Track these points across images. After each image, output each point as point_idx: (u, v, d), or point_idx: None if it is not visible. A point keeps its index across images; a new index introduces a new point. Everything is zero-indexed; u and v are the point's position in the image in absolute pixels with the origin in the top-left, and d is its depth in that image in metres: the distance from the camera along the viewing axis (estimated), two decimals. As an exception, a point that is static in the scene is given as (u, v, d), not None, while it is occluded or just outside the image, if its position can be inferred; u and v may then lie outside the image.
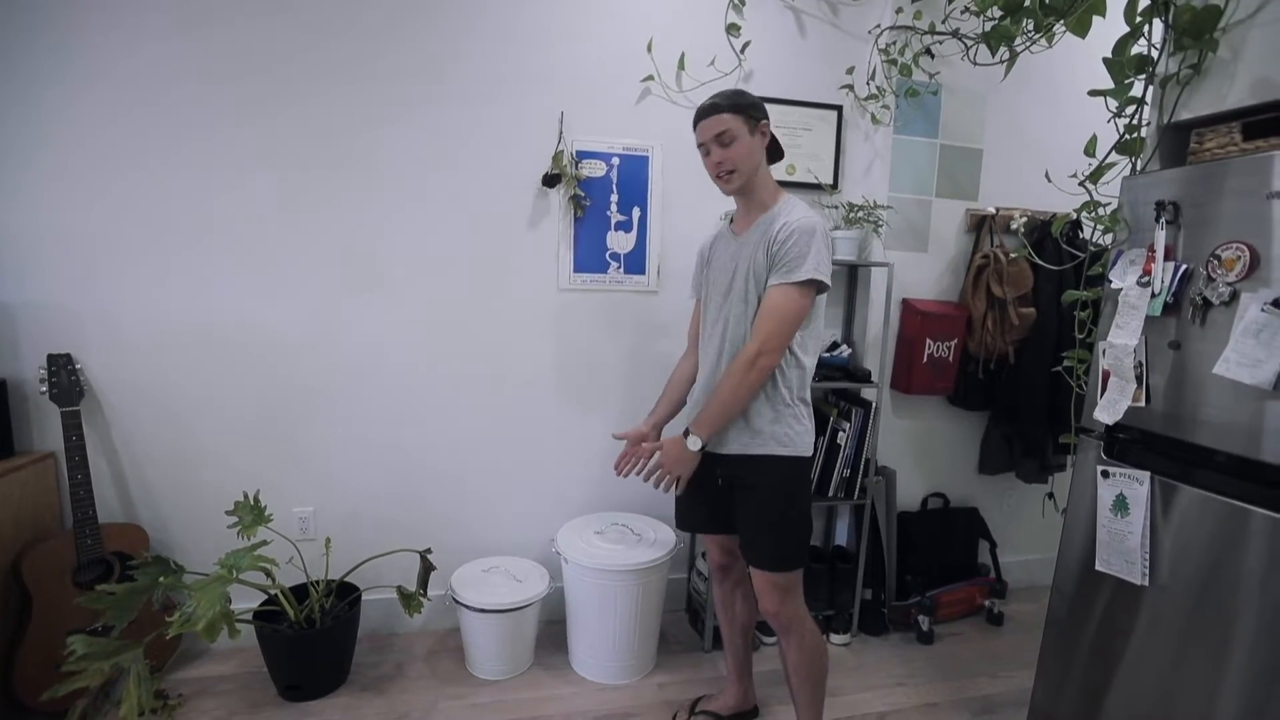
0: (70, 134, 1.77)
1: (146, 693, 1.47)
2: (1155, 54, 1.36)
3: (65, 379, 1.76)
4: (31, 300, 1.81)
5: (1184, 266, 1.21)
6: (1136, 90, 1.39)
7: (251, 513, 1.75)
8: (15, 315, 1.81)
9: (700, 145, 1.47)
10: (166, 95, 1.81)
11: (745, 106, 1.42)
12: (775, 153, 1.55)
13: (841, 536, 2.42)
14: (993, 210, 2.30)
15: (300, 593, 1.89)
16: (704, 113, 1.44)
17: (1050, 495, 2.23)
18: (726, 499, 1.54)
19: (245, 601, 1.83)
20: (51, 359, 1.75)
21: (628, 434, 1.72)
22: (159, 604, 1.66)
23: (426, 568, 1.92)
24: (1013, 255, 2.20)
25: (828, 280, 1.40)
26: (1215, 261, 1.15)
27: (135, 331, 1.88)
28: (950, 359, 2.28)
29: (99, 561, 1.77)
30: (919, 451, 2.47)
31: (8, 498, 1.70)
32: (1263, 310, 1.06)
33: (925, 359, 2.25)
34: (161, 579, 1.56)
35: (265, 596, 1.88)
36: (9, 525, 1.70)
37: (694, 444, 1.43)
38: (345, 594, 1.94)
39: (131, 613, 1.54)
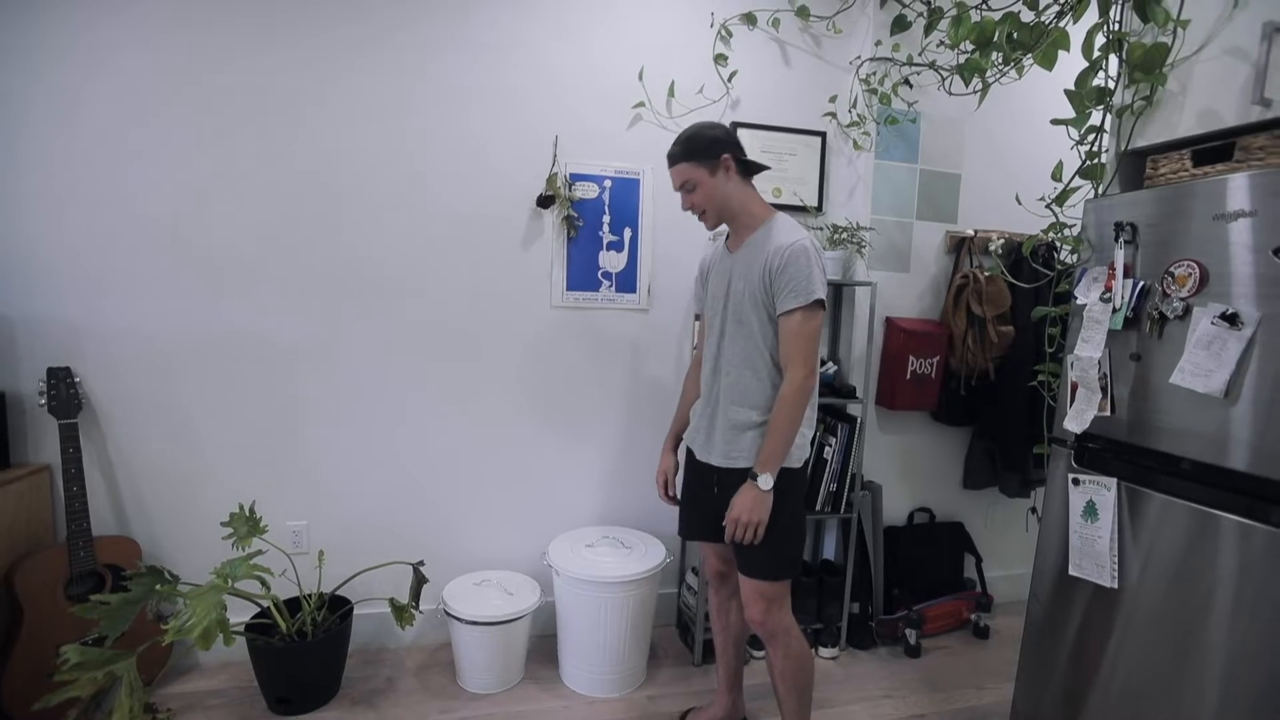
0: (70, 149, 1.82)
1: (138, 704, 1.48)
2: (1113, 86, 1.45)
3: (64, 392, 1.78)
4: (32, 313, 1.84)
5: (1142, 283, 1.28)
6: (1096, 119, 1.48)
7: (246, 524, 1.77)
8: (15, 328, 1.84)
9: (675, 189, 1.55)
10: (162, 112, 1.87)
11: (697, 152, 1.47)
12: (756, 169, 1.56)
13: (829, 550, 2.45)
14: (971, 232, 2.39)
15: (293, 606, 1.90)
16: (668, 161, 1.53)
17: (1033, 510, 2.28)
18: (723, 509, 1.58)
19: (237, 615, 1.83)
20: (51, 372, 1.78)
21: (662, 474, 1.78)
22: (152, 615, 1.67)
23: (419, 579, 1.94)
24: (987, 273, 2.28)
25: (824, 294, 1.44)
26: (1169, 278, 1.22)
27: (133, 345, 1.91)
28: (933, 375, 2.35)
29: (91, 574, 1.78)
30: (904, 467, 2.52)
31: (3, 510, 1.71)
32: (1212, 324, 1.13)
33: (909, 375, 2.32)
34: (157, 587, 1.57)
35: (257, 610, 1.89)
36: (2, 537, 1.70)
37: (766, 483, 1.43)
38: (337, 607, 1.95)
39: (125, 623, 1.55)
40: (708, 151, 1.47)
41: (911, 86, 2.28)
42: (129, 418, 1.93)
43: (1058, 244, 1.62)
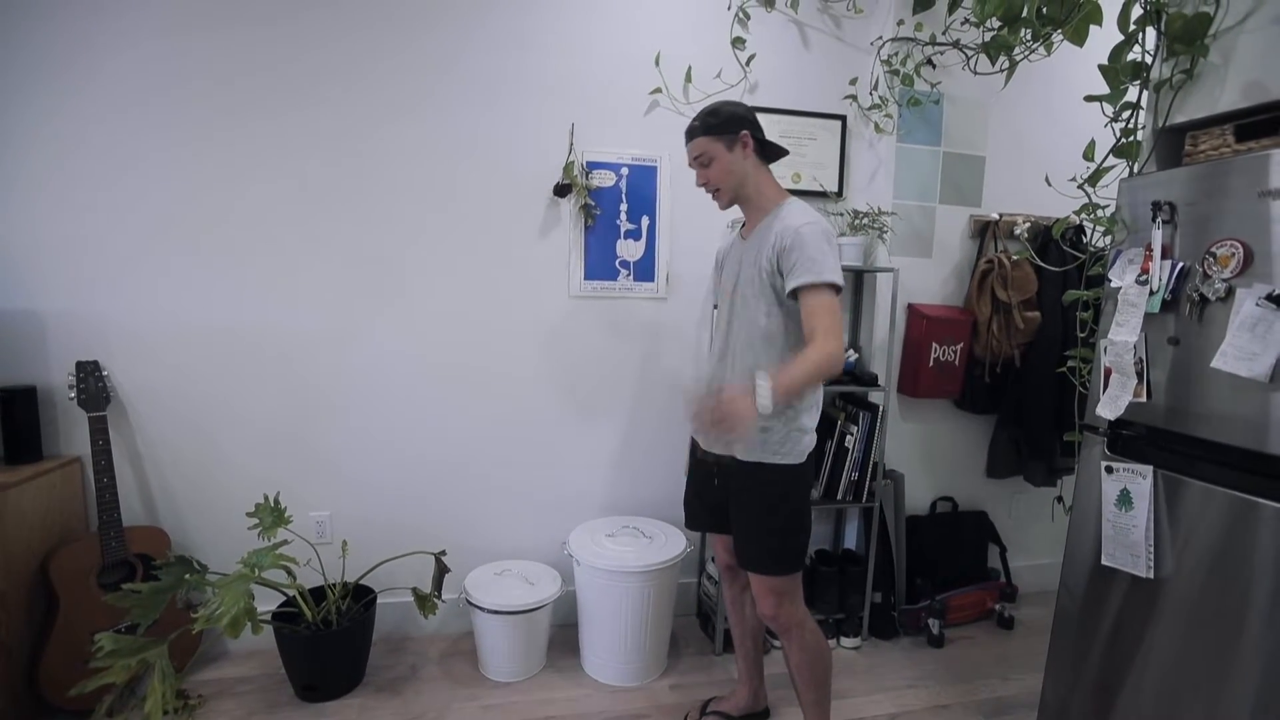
0: (96, 145, 1.84)
1: (170, 690, 1.51)
2: (1149, 60, 1.40)
3: (93, 385, 1.81)
4: (60, 308, 1.87)
5: (1181, 264, 1.24)
6: (1132, 95, 1.43)
7: (271, 514, 1.79)
8: (45, 323, 1.87)
9: (689, 165, 1.53)
10: (186, 109, 1.88)
11: (716, 126, 1.44)
12: (774, 152, 1.53)
13: (850, 540, 2.43)
14: (996, 216, 2.34)
15: (317, 595, 1.93)
16: (686, 135, 1.50)
17: (1059, 499, 2.24)
18: (724, 500, 1.57)
19: (264, 604, 1.85)
20: (80, 365, 1.81)
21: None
22: (182, 604, 1.70)
23: (441, 569, 1.95)
24: (1016, 258, 2.23)
25: (840, 280, 1.36)
26: (1211, 259, 1.18)
27: (159, 338, 1.94)
28: (956, 362, 2.31)
29: (123, 563, 1.82)
30: (927, 455, 2.49)
31: (36, 501, 1.74)
32: (1257, 305, 1.09)
33: (931, 362, 2.28)
34: (186, 577, 1.60)
35: (283, 599, 1.91)
36: (37, 527, 1.74)
37: (764, 407, 1.24)
38: (361, 596, 1.98)
39: (156, 611, 1.58)
40: (726, 126, 1.45)
41: (935, 67, 2.22)
42: (156, 410, 1.96)
43: (1088, 226, 1.57)
